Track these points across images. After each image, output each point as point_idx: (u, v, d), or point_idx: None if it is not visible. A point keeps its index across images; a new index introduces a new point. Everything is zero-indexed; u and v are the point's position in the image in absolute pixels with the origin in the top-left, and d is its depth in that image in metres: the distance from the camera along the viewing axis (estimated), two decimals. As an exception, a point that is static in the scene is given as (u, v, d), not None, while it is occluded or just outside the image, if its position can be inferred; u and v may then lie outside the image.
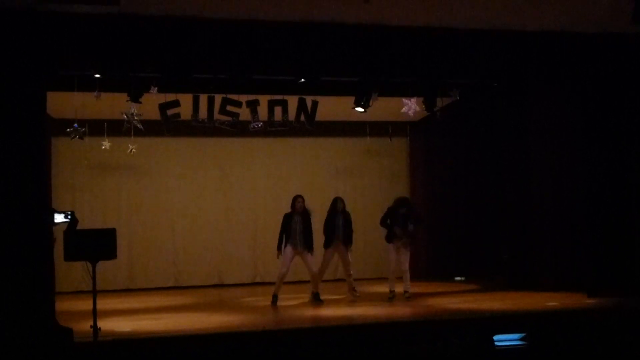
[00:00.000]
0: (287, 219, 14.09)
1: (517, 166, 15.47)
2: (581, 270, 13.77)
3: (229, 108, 12.37)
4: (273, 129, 13.12)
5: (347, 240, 14.36)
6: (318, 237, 14.28)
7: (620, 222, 13.34)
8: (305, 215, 14.10)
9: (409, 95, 13.03)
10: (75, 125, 13.06)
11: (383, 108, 13.91)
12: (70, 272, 15.77)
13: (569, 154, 14.36)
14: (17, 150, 10.48)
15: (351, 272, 14.44)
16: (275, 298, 13.81)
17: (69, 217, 10.20)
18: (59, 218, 10.19)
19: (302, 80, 12.35)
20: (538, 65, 12.96)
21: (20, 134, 10.51)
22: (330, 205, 14.45)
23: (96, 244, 10.14)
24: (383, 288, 15.20)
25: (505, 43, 12.59)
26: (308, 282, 14.54)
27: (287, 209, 15.09)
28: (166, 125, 12.39)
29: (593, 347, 10.52)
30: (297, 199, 14.09)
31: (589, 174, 13.61)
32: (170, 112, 12.22)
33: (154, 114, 12.27)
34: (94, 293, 10.28)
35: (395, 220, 14.25)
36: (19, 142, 10.50)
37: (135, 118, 12.40)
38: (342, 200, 14.52)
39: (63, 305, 12.67)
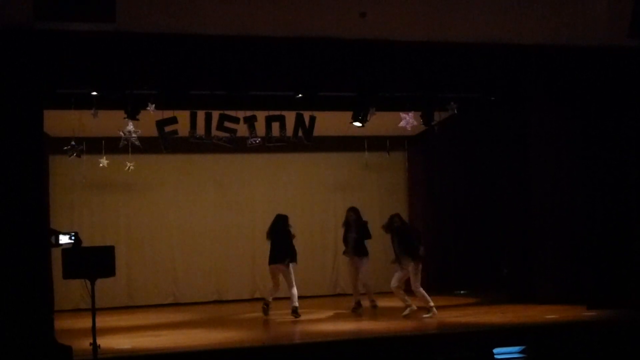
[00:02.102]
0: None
1: (516, 179, 15.46)
2: (581, 283, 13.77)
3: (226, 124, 12.36)
4: (271, 145, 13.09)
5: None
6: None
7: (620, 235, 13.35)
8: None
9: (406, 109, 13.04)
10: (73, 143, 13.06)
11: (381, 123, 13.91)
12: (69, 290, 15.76)
13: (568, 166, 14.36)
14: (14, 168, 10.49)
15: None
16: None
17: (73, 238, 10.19)
18: (63, 239, 10.16)
19: (300, 95, 12.35)
20: (536, 78, 12.99)
21: (17, 153, 10.53)
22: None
23: (95, 262, 10.10)
24: (382, 302, 15.21)
25: (503, 56, 12.63)
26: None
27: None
28: (164, 142, 12.38)
29: (593, 359, 10.51)
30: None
31: (588, 186, 13.63)
32: (167, 129, 12.21)
33: (151, 131, 12.27)
34: (93, 311, 10.25)
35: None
36: (16, 161, 10.51)
37: (133, 135, 12.39)
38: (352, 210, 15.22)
39: (62, 323, 12.65)
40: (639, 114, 13.32)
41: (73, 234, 10.25)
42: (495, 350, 10.80)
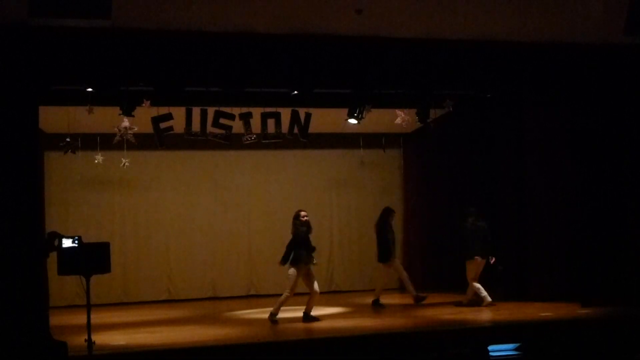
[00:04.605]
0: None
1: (511, 177, 15.49)
2: (575, 281, 13.78)
3: (221, 121, 12.35)
4: (266, 142, 13.09)
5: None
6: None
7: (614, 233, 13.36)
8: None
9: (402, 106, 13.03)
10: (68, 139, 13.05)
11: (376, 120, 13.93)
12: (64, 287, 15.75)
13: (563, 164, 14.37)
14: (9, 165, 10.47)
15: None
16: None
17: (77, 242, 10.18)
18: (67, 243, 10.15)
19: (295, 92, 12.34)
20: (531, 76, 12.97)
21: (12, 149, 10.50)
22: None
23: (90, 258, 10.12)
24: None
25: (499, 54, 12.61)
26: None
27: (281, 220, 15.15)
28: (159, 139, 12.36)
29: (587, 356, 10.53)
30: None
31: (582, 184, 13.64)
32: (163, 125, 12.19)
33: (146, 127, 12.26)
34: (88, 307, 10.27)
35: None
36: (11, 157, 10.49)
37: (129, 132, 12.39)
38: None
39: (57, 319, 12.65)
40: (635, 111, 13.31)
41: (76, 238, 10.24)
42: (490, 348, 10.80)
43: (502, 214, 15.69)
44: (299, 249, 13.05)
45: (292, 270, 12.96)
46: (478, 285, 14.25)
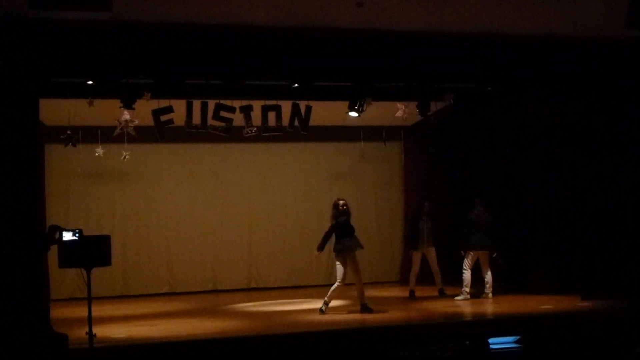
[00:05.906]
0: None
1: (511, 170, 15.48)
2: (575, 274, 13.79)
3: (222, 113, 12.35)
4: (267, 135, 13.09)
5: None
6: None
7: (614, 226, 13.36)
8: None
9: (402, 99, 13.03)
10: (69, 132, 13.04)
11: (377, 113, 13.91)
12: (65, 279, 15.76)
13: (564, 158, 14.36)
14: (10, 158, 10.47)
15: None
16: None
17: (77, 235, 10.16)
18: (67, 236, 10.13)
19: (296, 85, 12.33)
20: (532, 69, 12.96)
21: (13, 142, 10.50)
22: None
23: (91, 251, 10.08)
24: (377, 292, 15.23)
25: (499, 47, 12.59)
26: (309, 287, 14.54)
27: (281, 213, 15.07)
28: (160, 132, 12.36)
29: (587, 349, 10.54)
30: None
31: (583, 178, 13.63)
32: (163, 118, 12.20)
33: (147, 120, 12.26)
34: (89, 300, 10.24)
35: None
36: (11, 150, 10.49)
37: (130, 125, 12.39)
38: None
39: (58, 312, 12.67)
40: (636, 105, 13.30)
41: (77, 231, 10.22)
42: (490, 340, 10.82)
43: (503, 207, 15.68)
44: (343, 237, 13.22)
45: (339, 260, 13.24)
46: (468, 278, 14.33)
